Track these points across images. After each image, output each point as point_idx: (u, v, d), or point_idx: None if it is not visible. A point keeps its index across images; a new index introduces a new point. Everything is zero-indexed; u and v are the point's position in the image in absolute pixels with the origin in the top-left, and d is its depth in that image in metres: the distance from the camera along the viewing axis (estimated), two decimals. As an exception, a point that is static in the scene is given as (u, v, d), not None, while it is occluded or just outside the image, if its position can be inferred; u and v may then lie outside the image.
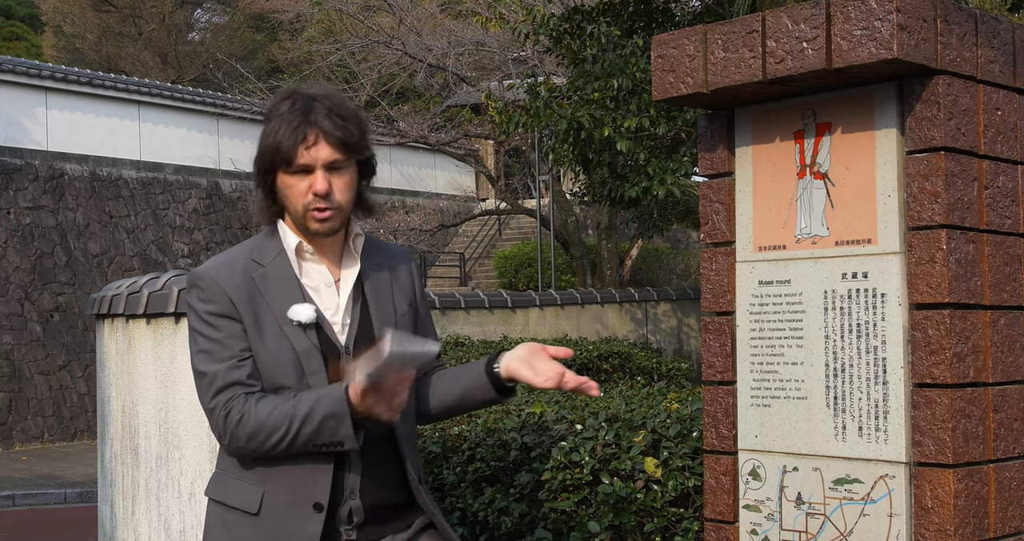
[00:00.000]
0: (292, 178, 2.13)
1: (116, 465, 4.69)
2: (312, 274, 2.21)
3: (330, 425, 2.05)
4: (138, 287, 4.45)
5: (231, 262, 2.20)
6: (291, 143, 2.10)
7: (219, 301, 2.13)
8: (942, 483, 1.94)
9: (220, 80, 21.33)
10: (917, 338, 1.99)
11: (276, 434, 2.06)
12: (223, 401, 2.10)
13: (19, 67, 17.09)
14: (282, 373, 2.12)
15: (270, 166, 2.14)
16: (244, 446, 2.09)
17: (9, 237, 16.35)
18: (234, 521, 2.15)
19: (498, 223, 24.18)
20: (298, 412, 2.06)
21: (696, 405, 2.99)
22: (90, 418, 16.06)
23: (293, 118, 2.11)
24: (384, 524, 2.20)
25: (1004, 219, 2.09)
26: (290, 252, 2.20)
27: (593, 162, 9.09)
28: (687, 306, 13.27)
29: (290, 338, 2.13)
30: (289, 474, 2.12)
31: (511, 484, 3.09)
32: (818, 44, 1.99)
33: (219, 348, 2.12)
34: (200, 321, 2.15)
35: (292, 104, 2.14)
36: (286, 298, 2.16)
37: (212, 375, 2.11)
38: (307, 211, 2.14)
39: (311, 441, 2.07)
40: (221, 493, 2.20)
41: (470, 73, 17.83)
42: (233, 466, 2.18)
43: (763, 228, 2.22)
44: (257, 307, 2.14)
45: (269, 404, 2.08)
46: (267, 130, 2.15)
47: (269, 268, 2.18)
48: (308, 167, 2.12)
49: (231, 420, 2.08)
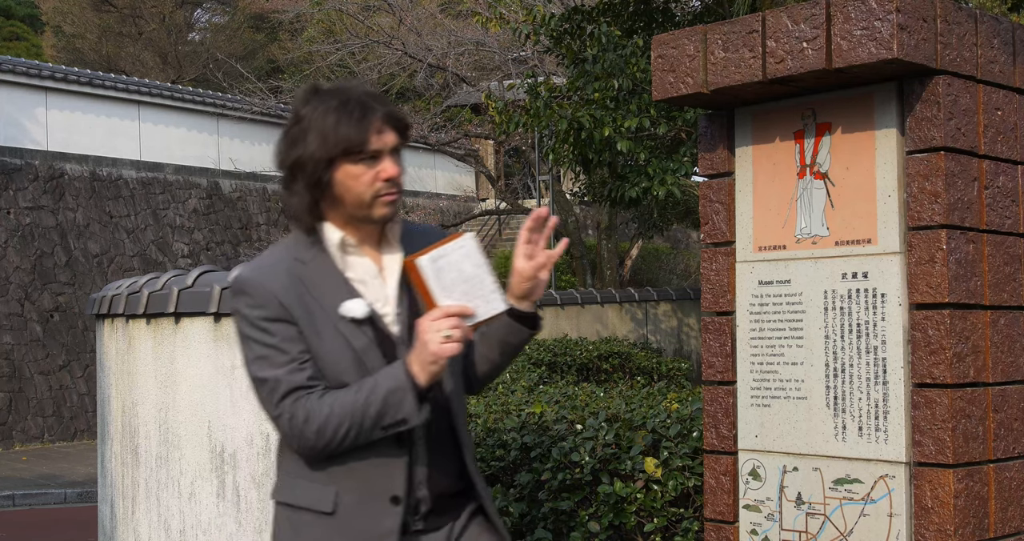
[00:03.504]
0: (358, 167, 2.10)
1: (116, 465, 4.69)
2: (356, 267, 2.18)
3: (394, 401, 2.03)
4: (138, 287, 4.45)
5: (274, 264, 2.16)
6: (363, 130, 2.08)
7: (270, 305, 2.10)
8: (942, 483, 1.94)
9: (220, 80, 21.33)
10: (917, 338, 1.98)
11: (344, 424, 2.04)
12: (288, 405, 2.07)
13: (19, 67, 17.09)
14: (343, 371, 2.11)
15: (332, 158, 2.10)
16: (315, 444, 2.07)
17: (9, 237, 16.35)
18: (305, 522, 2.14)
19: (498, 223, 24.17)
20: (360, 396, 2.05)
21: (696, 405, 2.99)
22: (90, 418, 16.06)
23: (353, 109, 2.10)
24: (445, 513, 2.22)
25: (1004, 219, 2.09)
26: (332, 247, 2.17)
27: (593, 162, 9.09)
28: (687, 306, 13.27)
29: (346, 335, 2.11)
30: (362, 470, 2.11)
31: (511, 484, 3.09)
32: (818, 44, 1.99)
33: (276, 353, 2.09)
34: (253, 327, 2.11)
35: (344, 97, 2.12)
36: (335, 294, 2.13)
37: (274, 381, 2.09)
38: (376, 198, 2.12)
39: (377, 423, 2.05)
40: (289, 495, 2.18)
41: (470, 73, 17.83)
42: (300, 468, 2.16)
43: (763, 228, 2.22)
44: (308, 306, 2.11)
45: (330, 398, 2.07)
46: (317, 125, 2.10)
47: (312, 265, 2.16)
48: (378, 153, 2.11)
49: (296, 421, 2.06)
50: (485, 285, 2.09)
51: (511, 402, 3.81)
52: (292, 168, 2.14)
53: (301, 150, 2.11)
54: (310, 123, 2.10)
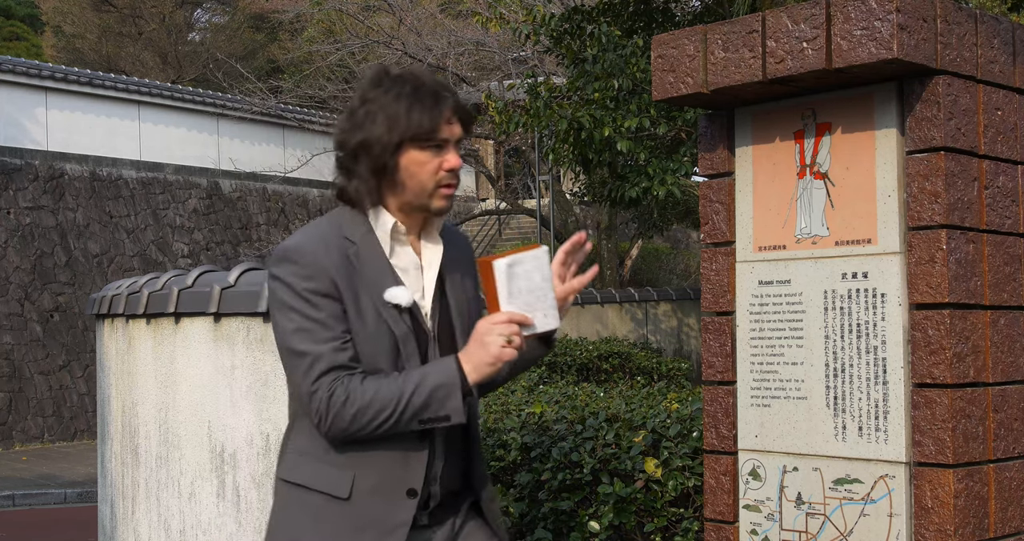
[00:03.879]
0: (424, 154, 2.09)
1: (116, 465, 4.69)
2: (401, 255, 2.17)
3: (440, 395, 2.02)
4: (138, 287, 4.45)
5: (324, 237, 2.12)
6: (436, 116, 2.07)
7: (320, 279, 2.06)
8: (942, 483, 1.94)
9: (220, 80, 21.32)
10: (917, 338, 1.99)
11: (385, 411, 2.02)
12: (326, 383, 2.03)
13: (19, 67, 17.09)
14: (380, 356, 2.09)
15: (400, 142, 2.08)
16: (348, 427, 2.04)
17: (9, 237, 16.36)
18: (319, 504, 2.12)
19: (498, 223, 24.18)
20: (407, 386, 2.03)
21: (696, 405, 2.99)
22: (90, 418, 16.06)
23: (426, 96, 2.09)
24: (448, 508, 2.22)
25: (1004, 219, 2.09)
26: (383, 232, 2.14)
27: (593, 162, 9.09)
28: (687, 306, 13.28)
29: (388, 321, 2.09)
30: (383, 459, 2.09)
31: (511, 484, 3.09)
32: (818, 44, 1.99)
33: (321, 328, 2.05)
34: (298, 298, 2.06)
35: (416, 83, 2.11)
36: (379, 279, 2.11)
37: (316, 356, 2.04)
38: (437, 187, 2.11)
39: (417, 415, 2.03)
40: (302, 476, 2.15)
41: (470, 73, 17.83)
42: (317, 449, 2.13)
43: (763, 228, 2.22)
44: (355, 287, 2.08)
45: (374, 383, 2.04)
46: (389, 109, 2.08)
47: (361, 247, 2.13)
48: (445, 142, 2.10)
49: (336, 400, 2.02)
50: (548, 299, 2.11)
51: (511, 402, 3.81)
52: (356, 150, 2.11)
53: (368, 132, 2.08)
54: (380, 106, 2.08)
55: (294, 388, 2.13)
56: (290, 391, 2.19)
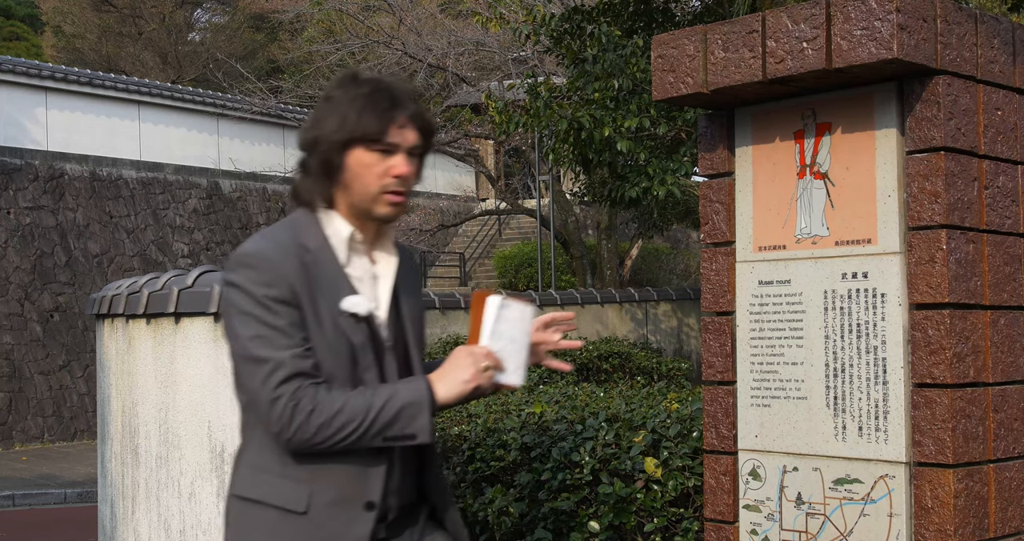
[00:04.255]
0: (372, 156, 2.08)
1: (116, 465, 4.69)
2: (356, 265, 2.15)
3: (408, 414, 2.00)
4: (138, 287, 4.45)
5: (282, 244, 2.09)
6: (385, 120, 2.06)
7: (280, 286, 2.03)
8: (942, 483, 1.94)
9: (220, 80, 21.33)
10: (917, 338, 1.98)
11: (350, 425, 1.98)
12: (290, 391, 1.98)
13: (19, 67, 17.09)
14: (337, 366, 2.06)
15: (348, 141, 2.07)
16: (311, 439, 1.99)
17: (9, 237, 16.35)
18: (275, 520, 2.07)
19: (498, 223, 24.17)
20: (376, 401, 2.00)
21: (696, 405, 2.99)
22: (90, 418, 16.06)
23: (382, 98, 2.08)
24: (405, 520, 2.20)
25: (1004, 219, 2.09)
26: (339, 240, 2.13)
27: (593, 162, 9.09)
28: (687, 306, 13.28)
29: (345, 331, 2.07)
30: (340, 473, 2.06)
31: (511, 484, 3.09)
32: (818, 44, 1.99)
33: (280, 335, 2.01)
34: (256, 304, 2.02)
35: (377, 86, 2.11)
36: (336, 288, 2.09)
37: (277, 362, 1.99)
38: (381, 193, 2.09)
39: (383, 432, 2.00)
40: (258, 491, 2.10)
41: (470, 73, 17.83)
42: (272, 463, 2.09)
43: (763, 228, 2.22)
44: (313, 295, 2.06)
45: (342, 395, 2.01)
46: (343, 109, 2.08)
47: (317, 255, 2.10)
48: (393, 147, 2.08)
49: (301, 410, 1.97)
50: (521, 356, 2.15)
51: (511, 402, 3.81)
52: (309, 147, 2.12)
53: (320, 130, 2.09)
54: (336, 105, 2.09)
55: (249, 397, 2.06)
56: (242, 403, 2.13)
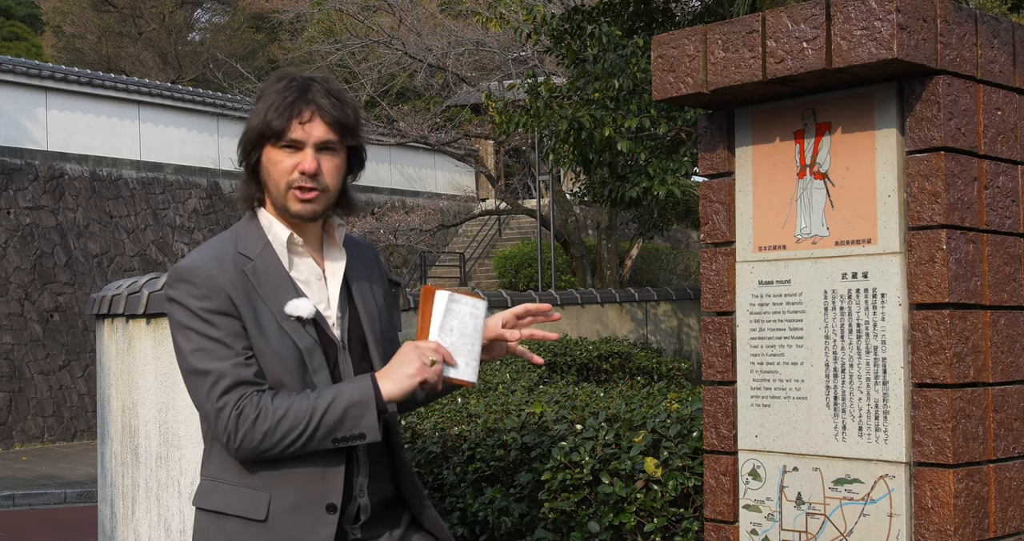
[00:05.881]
0: (280, 153, 2.07)
1: (116, 465, 4.69)
2: (301, 267, 2.15)
3: (354, 414, 1.99)
4: (138, 287, 4.45)
5: (219, 256, 2.10)
6: (286, 116, 2.05)
7: (216, 297, 2.03)
8: (942, 483, 1.94)
9: (220, 80, 21.34)
10: (917, 338, 1.99)
11: (296, 429, 1.97)
12: (233, 400, 1.99)
13: (19, 67, 17.10)
14: (285, 371, 2.05)
15: (257, 140, 2.08)
16: (257, 446, 1.99)
17: (9, 237, 16.36)
18: (236, 529, 2.06)
19: (498, 223, 24.18)
20: (319, 403, 1.98)
21: (696, 405, 2.99)
22: (90, 418, 16.06)
23: (289, 94, 2.06)
24: (383, 520, 2.18)
25: (1004, 219, 2.09)
26: (278, 244, 2.12)
27: (593, 162, 9.09)
28: (687, 306, 13.28)
29: (291, 335, 2.06)
30: (298, 477, 2.05)
31: (511, 484, 3.09)
32: (818, 44, 1.99)
33: (220, 347, 2.02)
34: (194, 318, 2.03)
35: (289, 82, 2.10)
36: (279, 293, 2.08)
37: (218, 373, 2.00)
38: (289, 189, 2.08)
39: (330, 434, 1.99)
40: (217, 502, 2.09)
41: (470, 73, 17.84)
42: (230, 473, 2.08)
43: (763, 228, 2.22)
44: (254, 303, 2.06)
45: (286, 400, 1.99)
46: (258, 107, 2.09)
47: (258, 262, 2.10)
48: (299, 143, 2.07)
49: (245, 419, 1.98)
50: (473, 351, 2.14)
51: (511, 402, 3.81)
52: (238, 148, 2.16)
53: (245, 131, 2.12)
54: (258, 104, 2.11)
55: (198, 410, 2.08)
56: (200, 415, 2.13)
